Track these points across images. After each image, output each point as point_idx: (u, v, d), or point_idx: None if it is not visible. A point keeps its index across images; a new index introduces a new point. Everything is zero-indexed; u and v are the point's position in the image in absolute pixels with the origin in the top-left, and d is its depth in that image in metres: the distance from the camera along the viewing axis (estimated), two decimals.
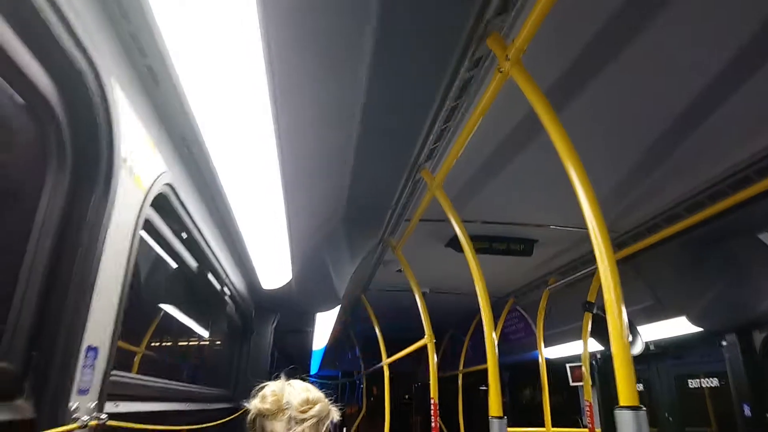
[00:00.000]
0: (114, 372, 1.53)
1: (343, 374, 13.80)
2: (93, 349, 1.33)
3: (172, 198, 1.92)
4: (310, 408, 1.34)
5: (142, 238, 1.69)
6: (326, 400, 1.41)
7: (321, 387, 1.49)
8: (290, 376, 1.47)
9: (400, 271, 4.85)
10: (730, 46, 2.10)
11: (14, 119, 1.14)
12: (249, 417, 1.38)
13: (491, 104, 2.19)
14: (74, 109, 1.18)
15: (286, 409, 1.33)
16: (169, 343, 3.26)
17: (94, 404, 1.35)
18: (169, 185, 1.82)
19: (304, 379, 1.49)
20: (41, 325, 1.16)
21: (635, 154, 2.94)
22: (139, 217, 1.54)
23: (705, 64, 2.21)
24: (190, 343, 3.75)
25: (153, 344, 2.69)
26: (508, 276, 5.71)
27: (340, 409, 1.44)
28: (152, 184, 1.61)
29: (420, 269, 4.81)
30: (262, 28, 1.44)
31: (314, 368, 13.25)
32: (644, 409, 1.45)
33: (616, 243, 4.17)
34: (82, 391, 1.28)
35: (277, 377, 1.45)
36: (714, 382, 4.62)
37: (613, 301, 1.57)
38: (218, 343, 4.47)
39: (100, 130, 1.23)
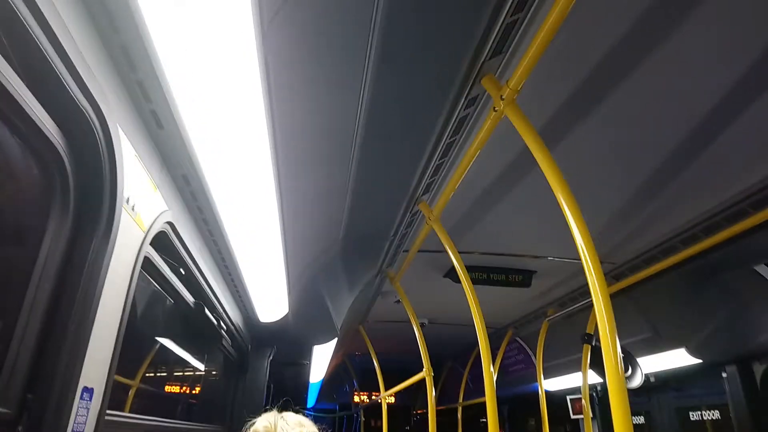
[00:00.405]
0: (108, 411, 1.52)
1: (341, 407, 13.53)
2: (88, 391, 1.32)
3: (172, 236, 1.94)
4: None
5: (140, 275, 1.70)
6: None
7: (318, 421, 1.45)
8: (284, 408, 1.43)
9: (398, 302, 4.83)
10: (720, 84, 2.16)
11: (20, 162, 1.16)
12: None
13: (486, 141, 2.24)
14: (79, 154, 1.21)
15: None
16: (164, 378, 3.21)
17: None
18: (169, 223, 1.84)
19: (298, 411, 1.45)
20: (38, 367, 1.16)
21: (631, 187, 2.97)
22: (138, 256, 1.55)
23: (698, 100, 2.26)
24: (186, 378, 3.70)
25: (148, 379, 2.66)
26: (507, 307, 5.68)
27: None
28: (152, 223, 1.63)
29: (418, 300, 4.79)
30: (263, 69, 1.48)
31: (311, 401, 13.00)
32: None
33: (614, 275, 4.17)
34: None
35: (269, 409, 1.41)
36: (716, 414, 4.56)
37: (608, 336, 1.56)
38: (214, 377, 4.41)
39: (104, 173, 1.25)
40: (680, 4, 1.80)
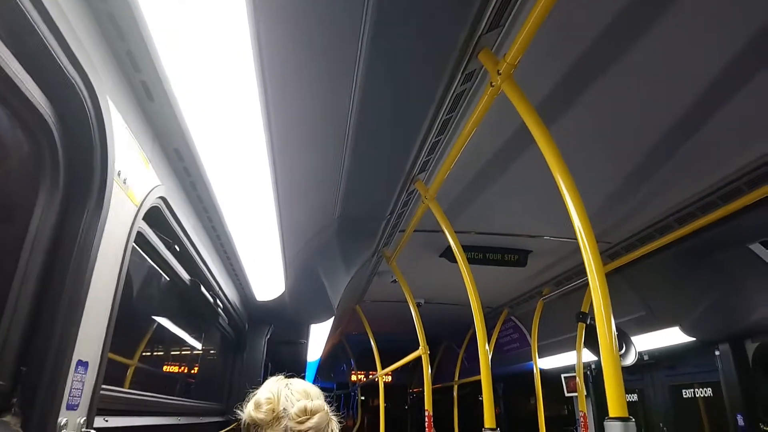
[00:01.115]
0: (104, 386, 1.52)
1: (338, 386, 13.71)
2: (83, 364, 1.32)
3: (165, 211, 1.92)
4: (309, 419, 1.21)
5: (134, 251, 1.69)
6: (326, 408, 1.27)
7: None
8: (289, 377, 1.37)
9: (394, 282, 4.86)
10: (719, 61, 2.14)
11: (8, 135, 1.14)
12: (242, 424, 1.27)
13: (483, 117, 2.22)
14: (68, 125, 1.19)
15: (282, 417, 1.21)
16: (161, 356, 3.23)
17: (83, 419, 1.34)
18: (162, 198, 1.82)
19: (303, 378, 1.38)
20: (31, 340, 1.16)
21: (627, 166, 2.97)
22: (131, 231, 1.53)
23: (695, 77, 2.25)
24: (183, 356, 3.73)
25: (145, 357, 2.68)
26: (502, 286, 5.72)
27: (339, 422, 1.32)
28: (145, 198, 1.61)
29: (415, 280, 4.81)
30: (255, 43, 1.46)
31: (309, 380, 13.15)
32: (633, 420, 1.46)
33: (609, 254, 4.19)
34: (71, 407, 1.27)
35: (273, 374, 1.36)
36: (708, 391, 4.63)
37: (603, 313, 1.58)
38: (211, 355, 4.44)
39: (94, 145, 1.23)
40: None
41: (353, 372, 12.43)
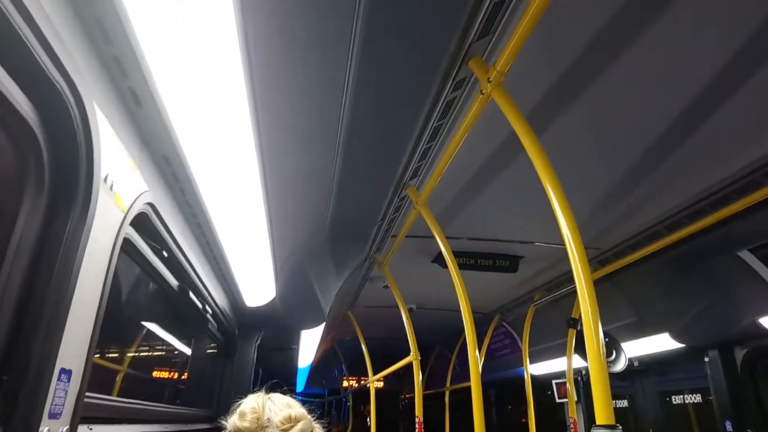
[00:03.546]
0: (89, 394, 1.50)
1: (330, 392, 13.63)
2: (66, 372, 1.30)
3: (153, 217, 1.91)
4: (292, 426, 1.25)
5: (121, 257, 1.67)
6: (309, 417, 1.31)
7: (307, 404, 1.43)
8: (272, 390, 1.40)
9: (386, 287, 4.84)
10: (708, 70, 2.16)
11: None
12: None
13: (474, 124, 2.23)
14: (54, 131, 1.18)
15: (267, 427, 1.24)
16: (149, 363, 3.20)
17: (65, 428, 1.32)
18: (150, 204, 1.81)
19: (286, 393, 1.42)
20: (12, 347, 1.14)
21: (617, 173, 2.98)
22: (117, 236, 1.52)
23: (684, 86, 2.27)
24: (172, 362, 3.69)
25: (133, 364, 2.65)
26: (494, 292, 5.72)
27: (324, 427, 1.37)
28: (132, 204, 1.60)
29: (406, 285, 4.80)
30: (244, 49, 1.45)
31: (300, 386, 13.08)
32: (620, 428, 1.46)
33: (599, 260, 4.20)
34: (54, 415, 1.26)
35: (257, 391, 1.39)
36: (697, 398, 4.65)
37: (590, 320, 1.58)
38: (201, 361, 4.40)
39: (80, 151, 1.22)
40: None
41: (345, 378, 12.37)
